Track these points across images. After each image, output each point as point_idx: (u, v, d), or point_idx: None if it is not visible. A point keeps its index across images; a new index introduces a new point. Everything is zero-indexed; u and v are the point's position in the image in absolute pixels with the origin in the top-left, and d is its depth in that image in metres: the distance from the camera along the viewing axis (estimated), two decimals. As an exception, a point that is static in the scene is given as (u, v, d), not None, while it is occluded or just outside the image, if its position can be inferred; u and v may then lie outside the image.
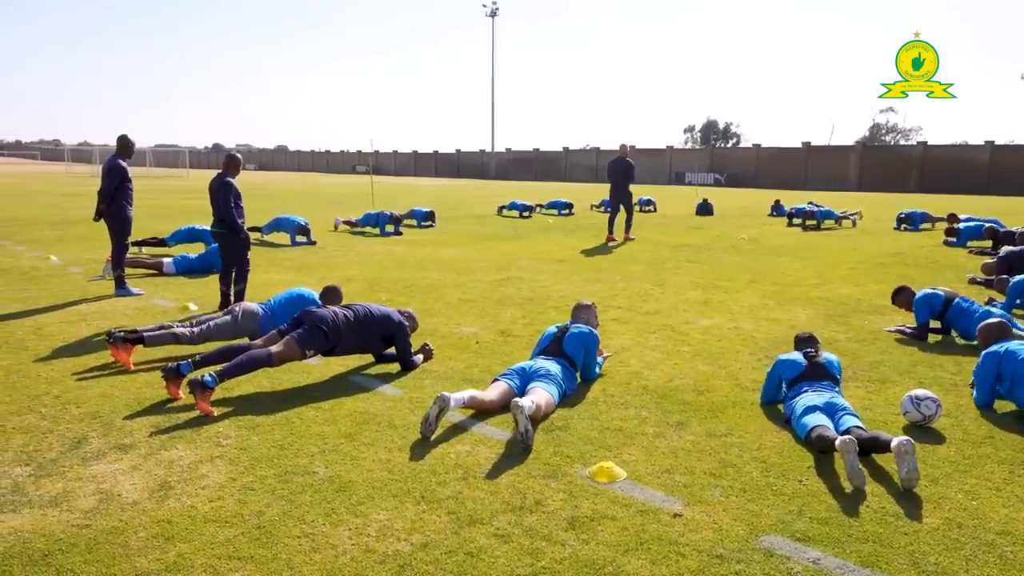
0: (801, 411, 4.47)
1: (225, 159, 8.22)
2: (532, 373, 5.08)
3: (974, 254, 13.83)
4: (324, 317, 5.46)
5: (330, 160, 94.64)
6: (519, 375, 5.09)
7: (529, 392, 4.83)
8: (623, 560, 3.13)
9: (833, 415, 4.39)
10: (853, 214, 20.87)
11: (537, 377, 5.02)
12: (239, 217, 7.89)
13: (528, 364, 5.23)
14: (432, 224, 18.72)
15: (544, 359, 5.36)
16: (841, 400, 4.59)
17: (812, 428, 4.24)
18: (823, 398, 4.55)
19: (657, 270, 11.55)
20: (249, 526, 3.39)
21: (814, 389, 4.69)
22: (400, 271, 11.24)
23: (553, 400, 4.88)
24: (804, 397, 4.62)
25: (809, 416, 4.38)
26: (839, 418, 4.35)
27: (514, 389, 4.96)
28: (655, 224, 20.15)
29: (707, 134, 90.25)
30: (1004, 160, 46.82)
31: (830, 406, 4.46)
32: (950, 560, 3.16)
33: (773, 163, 56.38)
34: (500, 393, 4.89)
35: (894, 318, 7.88)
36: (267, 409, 4.94)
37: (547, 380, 4.99)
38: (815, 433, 4.18)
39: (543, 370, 5.09)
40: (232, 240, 7.97)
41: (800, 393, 4.71)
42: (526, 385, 4.97)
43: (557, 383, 5.04)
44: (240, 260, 8.03)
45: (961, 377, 5.79)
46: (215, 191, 7.92)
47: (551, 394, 4.88)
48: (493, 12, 78.64)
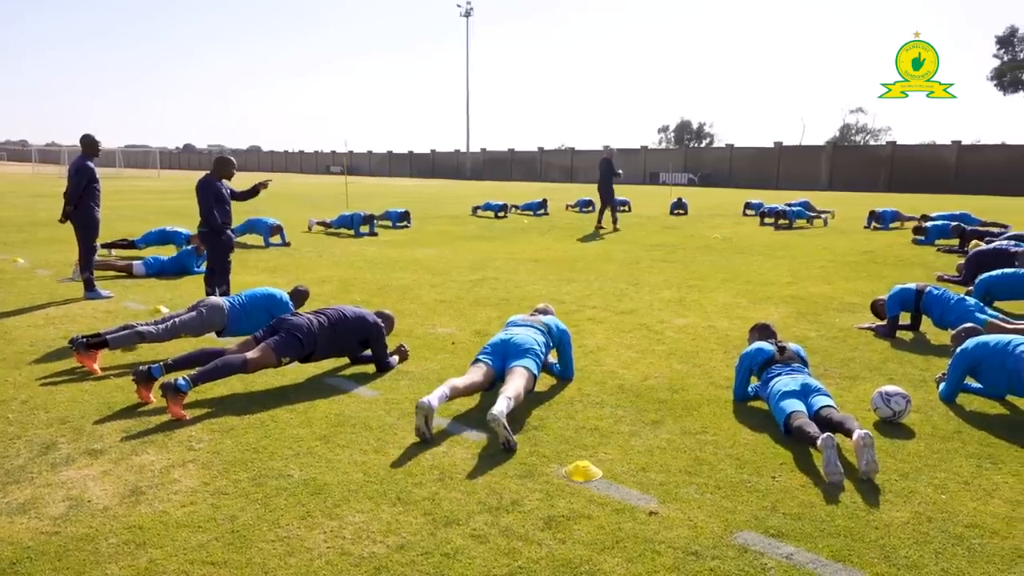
0: (779, 397, 4.59)
1: (214, 160, 8.19)
2: (511, 349, 5.08)
3: (942, 252, 14.08)
4: (300, 324, 5.41)
5: (304, 160, 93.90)
6: (498, 354, 5.08)
7: (507, 375, 4.83)
8: (599, 559, 3.15)
9: (807, 396, 4.53)
10: (825, 213, 21.14)
11: (516, 354, 5.02)
12: (223, 218, 7.86)
13: (505, 337, 5.22)
14: (407, 225, 18.65)
15: (522, 327, 5.40)
16: (814, 382, 4.72)
17: (791, 414, 4.36)
18: (797, 381, 4.68)
19: (632, 269, 11.61)
20: (222, 531, 3.35)
21: (787, 372, 4.81)
22: (375, 272, 11.18)
23: (533, 376, 4.94)
24: (780, 381, 4.73)
25: (787, 402, 4.50)
26: (812, 398, 4.50)
27: (494, 369, 4.99)
28: (630, 224, 20.24)
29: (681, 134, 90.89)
30: (970, 160, 47.68)
31: (805, 387, 4.61)
32: (920, 553, 3.22)
33: (746, 163, 56.90)
34: (481, 374, 4.94)
35: (865, 316, 8.00)
36: (241, 412, 4.89)
37: (527, 356, 5.01)
38: (795, 423, 4.27)
39: (523, 344, 5.09)
40: (213, 241, 7.93)
41: (775, 376, 4.82)
42: (505, 363, 4.99)
43: (536, 356, 5.06)
44: (221, 261, 7.99)
45: (930, 373, 5.89)
46: (197, 191, 7.89)
47: (530, 371, 4.90)
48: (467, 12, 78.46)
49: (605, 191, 18.30)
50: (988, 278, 8.40)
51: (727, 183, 54.61)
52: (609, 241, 15.81)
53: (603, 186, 18.29)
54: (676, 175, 55.94)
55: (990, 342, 5.07)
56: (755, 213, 22.42)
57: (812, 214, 20.66)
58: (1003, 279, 8.34)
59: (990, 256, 10.02)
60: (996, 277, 8.38)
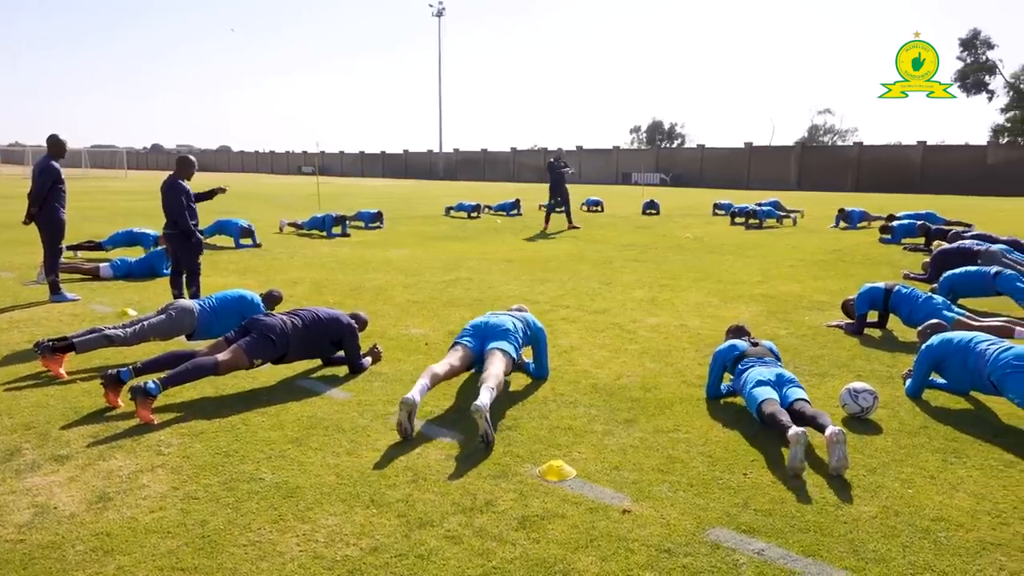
0: (752, 384, 4.65)
1: (176, 161, 8.08)
2: (490, 330, 5.12)
3: (908, 250, 14.34)
4: (272, 325, 5.36)
5: (275, 161, 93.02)
6: (477, 335, 5.13)
7: (487, 357, 4.88)
8: (573, 558, 3.16)
9: (781, 387, 4.59)
10: (794, 213, 21.42)
11: (495, 335, 5.07)
12: (192, 219, 7.77)
13: (485, 319, 5.27)
14: (380, 225, 18.56)
15: (501, 313, 5.46)
16: (788, 373, 4.80)
17: (763, 401, 4.43)
18: (772, 371, 4.75)
19: (605, 269, 11.66)
20: (193, 536, 3.31)
21: (761, 363, 4.88)
22: (348, 273, 11.11)
23: (512, 360, 5.01)
24: (754, 371, 4.80)
25: (759, 389, 4.57)
26: (786, 389, 4.57)
27: (472, 351, 5.03)
28: (602, 224, 20.34)
29: (653, 134, 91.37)
30: (935, 160, 48.58)
31: (779, 378, 4.68)
32: (888, 547, 3.27)
33: (717, 163, 57.43)
34: (459, 358, 4.98)
35: (833, 313, 8.12)
36: (211, 415, 4.83)
37: (505, 338, 5.06)
38: (767, 410, 4.33)
39: (502, 326, 5.16)
40: (183, 243, 7.84)
41: (749, 367, 4.88)
42: (484, 344, 5.03)
43: (514, 340, 5.12)
44: (192, 263, 7.91)
45: (896, 369, 5.99)
46: (164, 193, 7.81)
47: (508, 353, 4.96)
48: (439, 12, 78.29)
49: (563, 191, 18.47)
50: (952, 276, 8.58)
51: (698, 183, 55.07)
52: (582, 241, 15.87)
53: (559, 187, 18.43)
54: (648, 175, 56.33)
55: (954, 339, 5.18)
56: (725, 213, 22.65)
57: (781, 214, 20.91)
58: (966, 277, 8.52)
59: (954, 255, 10.23)
60: (960, 275, 8.56)
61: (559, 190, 18.42)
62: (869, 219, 19.45)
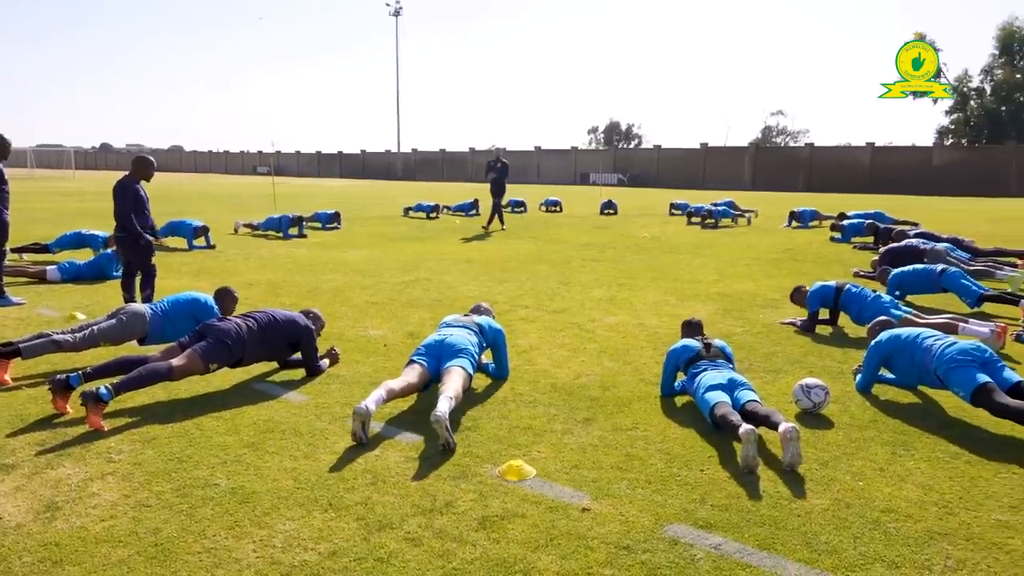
0: (704, 389, 4.71)
1: (132, 161, 7.93)
2: (446, 349, 5.08)
3: (858, 249, 14.70)
4: (228, 330, 5.26)
5: (229, 161, 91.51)
6: (432, 355, 5.07)
7: (443, 375, 4.83)
8: (533, 557, 3.17)
9: (732, 390, 4.66)
10: (748, 212, 21.81)
11: (451, 355, 5.03)
12: (142, 221, 7.61)
13: (439, 338, 5.22)
14: (337, 226, 18.38)
15: (455, 327, 5.41)
16: (740, 377, 4.86)
17: (715, 405, 4.49)
18: (724, 375, 4.81)
19: (563, 269, 11.72)
20: (145, 544, 3.24)
21: (713, 367, 4.94)
22: (304, 274, 10.98)
23: (469, 375, 4.95)
24: (706, 375, 4.85)
25: (711, 394, 4.63)
26: (737, 392, 4.64)
27: (428, 370, 4.98)
28: (561, 224, 20.44)
29: (610, 135, 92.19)
30: (883, 161, 49.93)
31: (731, 382, 4.74)
32: (839, 538, 3.35)
33: (673, 164, 58.18)
34: (416, 375, 4.92)
35: (787, 311, 8.28)
36: (163, 420, 4.73)
37: (461, 355, 5.02)
38: (719, 412, 4.40)
39: (457, 345, 5.11)
40: (132, 245, 7.67)
41: (701, 371, 4.94)
42: (440, 364, 4.98)
43: (471, 356, 5.09)
44: (144, 265, 7.75)
45: (847, 365, 6.14)
46: (114, 193, 7.64)
47: (465, 369, 4.92)
48: (396, 11, 77.82)
49: (502, 191, 18.52)
50: (900, 274, 8.82)
51: (655, 183, 55.71)
52: (541, 241, 15.93)
53: (500, 186, 18.42)
54: (606, 175, 56.82)
55: (902, 335, 5.32)
56: (681, 213, 22.96)
57: (736, 213, 21.29)
58: (914, 275, 8.77)
59: (902, 253, 10.52)
60: (907, 273, 8.81)
61: (499, 189, 18.39)
62: (820, 218, 19.90)
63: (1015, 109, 55.63)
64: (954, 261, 10.26)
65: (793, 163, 53.92)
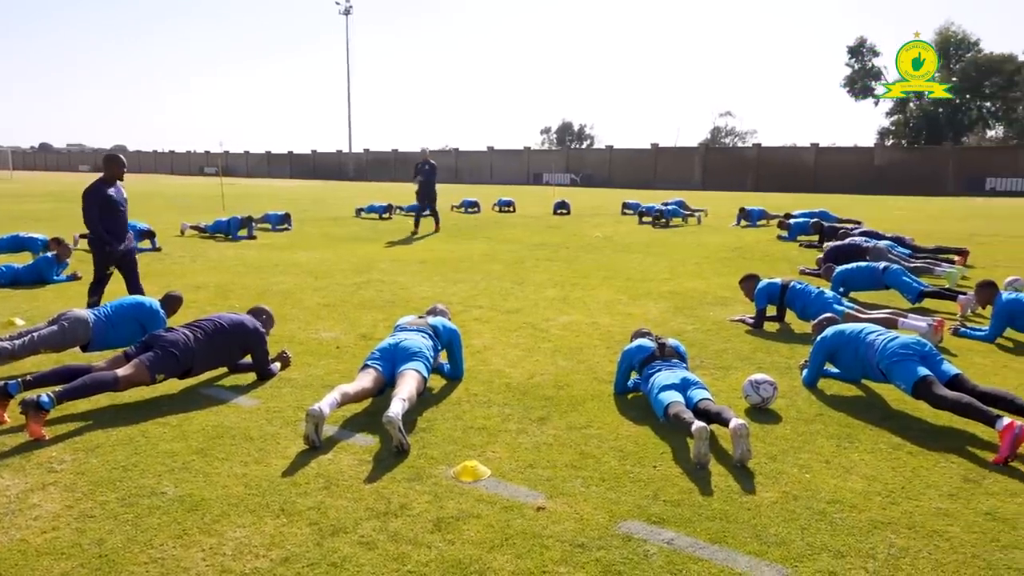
0: (658, 389, 4.77)
1: (102, 160, 7.68)
2: (400, 353, 5.04)
3: (803, 247, 15.05)
4: (176, 341, 5.12)
5: (175, 161, 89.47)
6: (387, 359, 5.03)
7: (398, 379, 4.79)
8: (489, 557, 3.17)
9: (686, 389, 4.73)
10: (698, 212, 22.16)
11: (405, 358, 4.99)
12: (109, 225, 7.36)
13: (394, 341, 5.17)
14: (288, 227, 18.11)
15: (410, 331, 5.37)
16: (692, 375, 4.94)
17: (668, 405, 4.55)
18: (677, 375, 4.88)
19: (517, 269, 11.75)
20: (89, 556, 3.14)
21: (667, 367, 5.00)
22: (254, 276, 10.79)
23: (424, 378, 4.92)
24: (660, 376, 4.91)
25: (665, 393, 4.69)
26: (691, 391, 4.71)
27: (383, 375, 4.93)
28: (514, 224, 20.48)
29: (563, 135, 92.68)
30: (827, 161, 51.25)
31: (684, 381, 4.81)
32: (788, 530, 3.43)
33: (625, 164, 58.78)
34: (371, 380, 4.87)
35: (736, 308, 8.43)
36: (107, 428, 4.60)
37: (416, 359, 4.99)
38: (672, 411, 4.47)
39: (411, 348, 5.07)
40: (97, 249, 7.47)
41: (655, 372, 5.00)
42: (394, 368, 4.94)
43: (425, 359, 5.06)
44: (97, 270, 7.48)
45: (794, 360, 6.28)
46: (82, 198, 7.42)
47: (420, 373, 4.89)
48: (347, 10, 76.97)
49: (432, 194, 17.91)
50: (844, 271, 9.07)
51: (607, 183, 56.19)
52: (494, 241, 15.94)
53: (429, 190, 17.83)
54: (559, 176, 57.11)
55: (846, 330, 5.47)
56: (633, 213, 23.21)
57: (687, 212, 21.61)
58: (857, 272, 9.02)
59: (846, 251, 10.81)
60: (851, 270, 9.06)
61: (429, 192, 17.82)
62: (768, 217, 20.32)
63: (951, 111, 57.65)
64: (895, 258, 10.59)
65: (741, 163, 54.96)
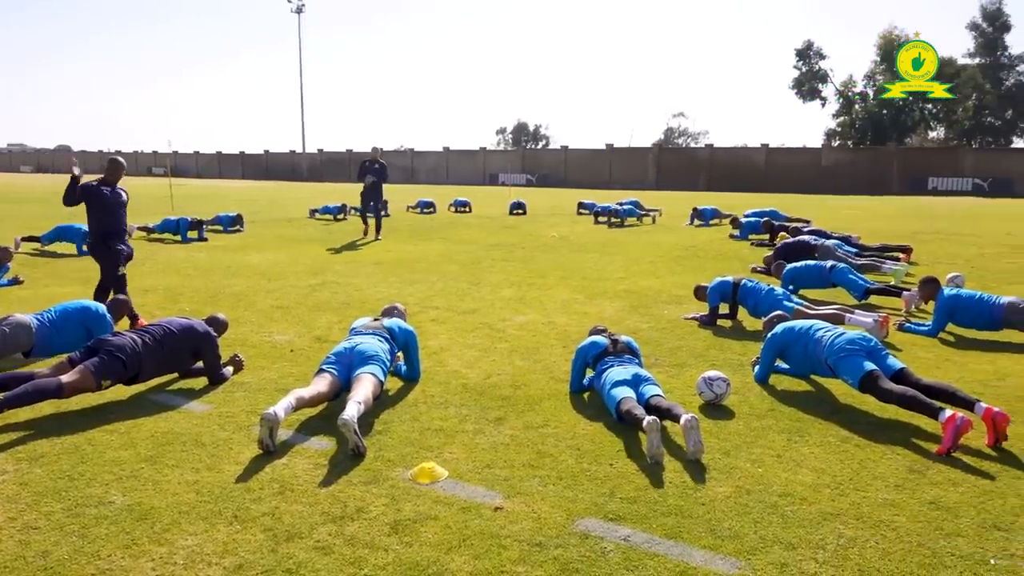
0: (610, 385, 4.82)
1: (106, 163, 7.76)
2: (356, 356, 4.99)
3: (755, 246, 15.34)
4: (122, 346, 4.98)
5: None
6: (343, 363, 4.97)
7: (353, 383, 4.75)
8: (446, 559, 3.16)
9: (637, 386, 4.79)
10: (652, 211, 22.42)
11: (362, 361, 4.94)
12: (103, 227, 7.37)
13: (349, 345, 5.12)
14: (240, 229, 17.80)
15: (365, 335, 5.32)
16: (644, 372, 5.01)
17: (620, 400, 4.60)
18: (629, 371, 4.94)
19: (473, 269, 11.74)
20: (33, 569, 3.05)
21: (619, 363, 5.05)
22: (205, 279, 10.58)
23: (380, 381, 4.88)
24: (612, 372, 4.97)
25: (617, 389, 4.74)
26: (642, 387, 4.77)
27: (339, 379, 4.88)
28: (470, 224, 20.46)
29: (518, 136, 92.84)
30: (777, 161, 52.30)
31: (636, 377, 4.87)
32: (741, 523, 3.49)
33: (580, 164, 59.13)
34: (327, 384, 4.81)
35: (690, 306, 8.55)
36: (51, 436, 4.46)
37: (372, 362, 4.95)
38: (624, 407, 4.52)
39: (367, 352, 5.02)
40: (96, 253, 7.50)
41: (607, 367, 5.05)
42: (350, 372, 4.89)
43: (382, 362, 5.02)
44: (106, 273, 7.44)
45: (746, 357, 6.39)
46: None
47: (376, 376, 4.85)
48: (299, 8, 76.00)
49: (378, 194, 16.83)
50: (793, 269, 9.27)
51: (563, 184, 56.45)
52: (451, 241, 15.90)
53: (377, 190, 16.64)
54: (514, 176, 57.23)
55: (795, 328, 5.59)
56: (589, 212, 23.37)
57: (641, 212, 21.85)
58: (805, 270, 9.24)
59: (795, 249, 11.05)
60: (800, 268, 9.27)
61: (377, 194, 16.69)
62: (720, 216, 20.66)
63: (895, 113, 59.30)
64: (842, 256, 10.85)
65: (694, 163, 55.74)
